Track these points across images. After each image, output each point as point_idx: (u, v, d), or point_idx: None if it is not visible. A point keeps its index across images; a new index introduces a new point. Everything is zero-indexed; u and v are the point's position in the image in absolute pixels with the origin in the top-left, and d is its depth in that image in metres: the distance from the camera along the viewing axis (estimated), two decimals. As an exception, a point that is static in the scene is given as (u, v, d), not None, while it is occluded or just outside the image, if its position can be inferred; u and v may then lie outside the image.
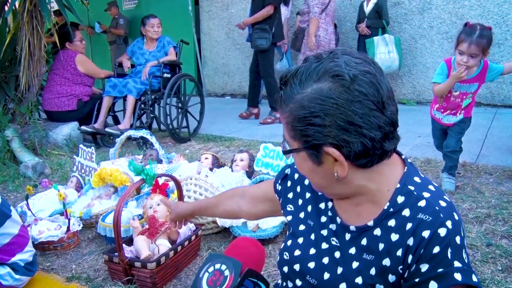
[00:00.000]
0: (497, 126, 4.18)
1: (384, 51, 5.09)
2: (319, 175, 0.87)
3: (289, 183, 1.09)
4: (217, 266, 0.79)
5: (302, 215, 1.02)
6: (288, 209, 1.06)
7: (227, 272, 0.78)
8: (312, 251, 0.95)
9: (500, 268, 1.90)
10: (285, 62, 5.77)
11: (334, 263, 0.91)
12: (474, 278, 0.78)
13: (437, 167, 3.09)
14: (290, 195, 1.08)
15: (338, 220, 0.94)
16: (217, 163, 3.03)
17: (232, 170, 2.80)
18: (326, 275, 0.91)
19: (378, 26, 5.18)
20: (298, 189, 1.06)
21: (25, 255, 1.87)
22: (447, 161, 2.82)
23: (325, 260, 0.92)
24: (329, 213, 0.96)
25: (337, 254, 0.91)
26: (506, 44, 5.02)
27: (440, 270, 0.77)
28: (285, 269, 0.99)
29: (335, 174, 0.84)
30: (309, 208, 1.01)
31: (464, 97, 2.63)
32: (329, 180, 0.86)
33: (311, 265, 0.94)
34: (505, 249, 2.02)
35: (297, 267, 0.95)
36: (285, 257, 1.00)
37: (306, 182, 1.04)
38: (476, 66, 2.52)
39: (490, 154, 3.40)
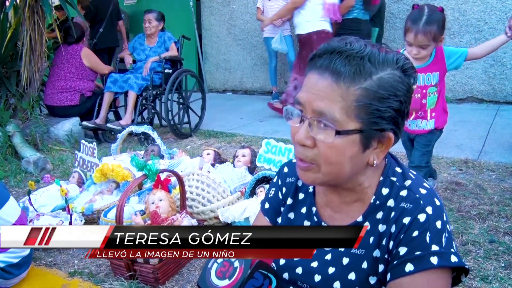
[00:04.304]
0: (499, 123, 4.16)
1: None
2: (354, 163, 0.81)
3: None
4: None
5: (284, 222, 1.00)
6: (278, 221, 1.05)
7: (236, 264, 0.77)
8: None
9: (503, 264, 1.90)
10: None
11: (324, 265, 0.90)
12: (454, 259, 0.77)
13: (438, 163, 3.08)
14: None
15: (324, 225, 0.93)
16: (219, 159, 3.03)
17: (234, 166, 2.80)
18: (317, 277, 0.90)
19: None
20: (280, 195, 1.03)
21: (1, 255, 1.79)
22: None
23: (314, 264, 0.91)
24: (315, 218, 0.94)
25: (328, 257, 0.90)
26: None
27: (417, 253, 0.78)
28: None
29: (374, 162, 0.82)
30: (291, 215, 0.99)
31: (425, 91, 2.19)
32: (356, 169, 0.83)
33: (299, 270, 0.93)
34: (508, 245, 2.02)
35: (286, 275, 0.95)
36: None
37: (284, 189, 1.02)
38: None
39: (493, 151, 3.39)
